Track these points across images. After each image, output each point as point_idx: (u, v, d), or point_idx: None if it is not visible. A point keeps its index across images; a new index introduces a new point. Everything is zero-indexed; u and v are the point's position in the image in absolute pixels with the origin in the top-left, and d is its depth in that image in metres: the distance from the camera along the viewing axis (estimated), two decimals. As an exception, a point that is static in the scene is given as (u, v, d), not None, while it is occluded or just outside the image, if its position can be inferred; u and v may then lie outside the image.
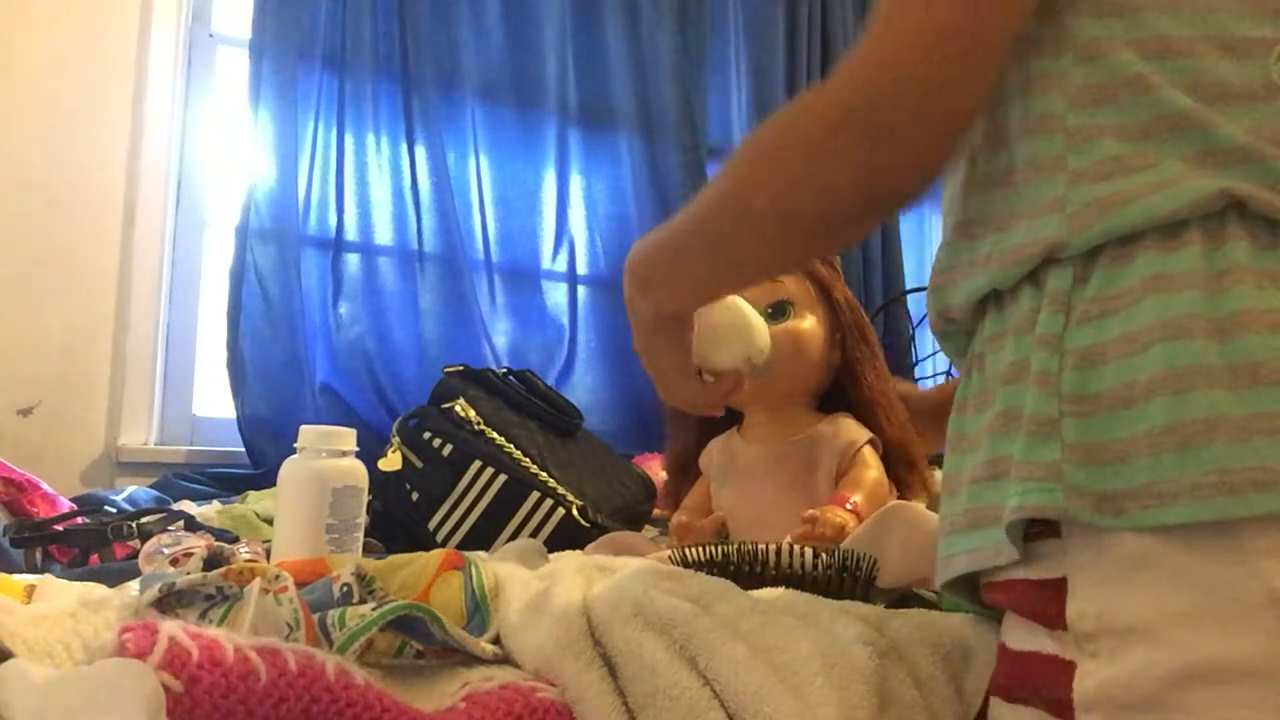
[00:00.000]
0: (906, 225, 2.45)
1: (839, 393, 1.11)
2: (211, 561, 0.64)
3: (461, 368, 1.39)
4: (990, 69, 0.50)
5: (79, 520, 1.12)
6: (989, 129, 0.54)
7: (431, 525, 1.23)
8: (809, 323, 1.06)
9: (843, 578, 0.71)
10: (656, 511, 1.35)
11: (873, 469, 1.04)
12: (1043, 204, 0.50)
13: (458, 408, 1.29)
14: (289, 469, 0.90)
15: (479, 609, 0.63)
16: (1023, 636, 0.49)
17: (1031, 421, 0.47)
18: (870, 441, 1.06)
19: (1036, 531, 0.47)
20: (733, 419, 1.14)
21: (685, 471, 1.16)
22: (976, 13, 0.49)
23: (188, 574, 0.57)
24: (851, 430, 1.06)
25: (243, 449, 1.72)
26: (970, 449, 0.53)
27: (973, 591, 0.54)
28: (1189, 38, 0.49)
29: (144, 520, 1.06)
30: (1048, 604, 0.46)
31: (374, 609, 0.54)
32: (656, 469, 1.40)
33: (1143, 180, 0.47)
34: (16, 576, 0.72)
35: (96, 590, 0.66)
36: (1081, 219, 0.48)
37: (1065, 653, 0.45)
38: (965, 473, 0.52)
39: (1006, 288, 0.52)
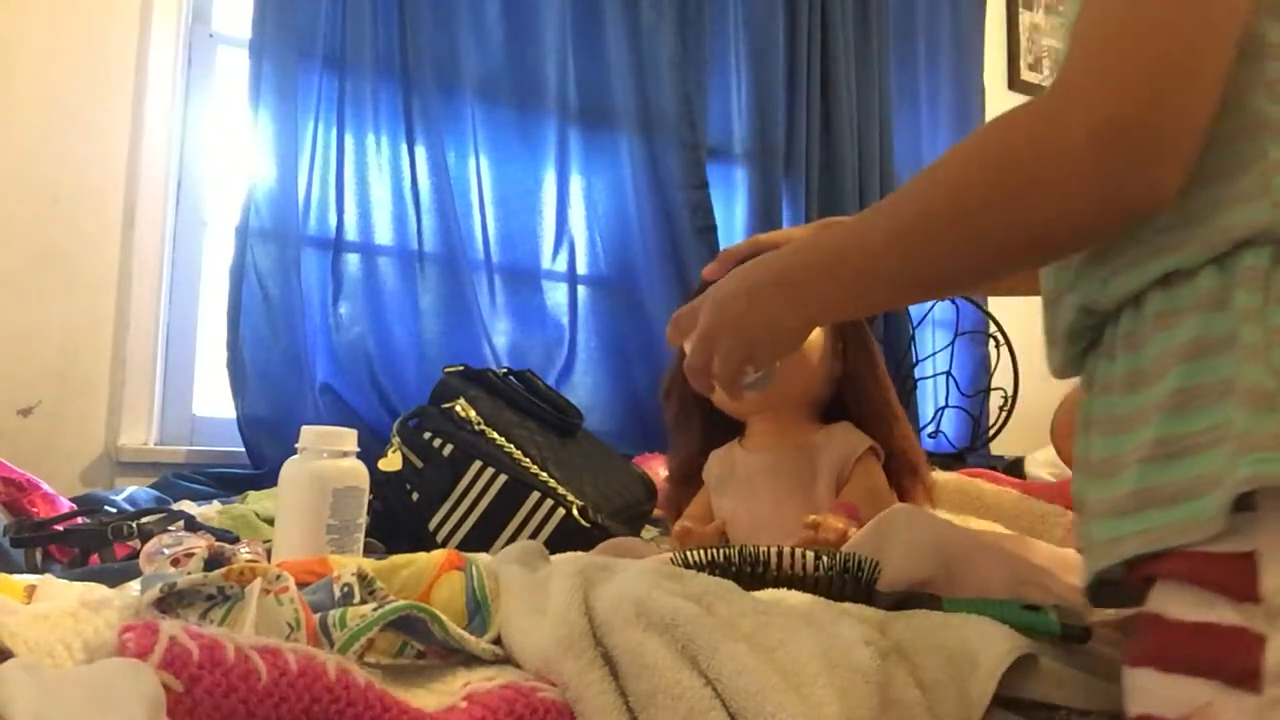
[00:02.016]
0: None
1: (840, 402, 1.11)
2: (212, 562, 0.64)
3: (462, 368, 1.39)
4: (1228, 64, 0.52)
5: (79, 520, 1.12)
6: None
7: (432, 525, 1.23)
8: (811, 333, 1.06)
9: (844, 580, 0.71)
10: (657, 512, 1.35)
11: (874, 476, 1.05)
12: (1244, 193, 0.51)
13: (458, 408, 1.29)
14: (290, 469, 0.90)
15: (480, 609, 0.63)
16: (1194, 608, 0.48)
17: (1250, 394, 0.47)
18: (871, 449, 1.06)
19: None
20: (735, 429, 1.14)
21: (688, 481, 1.16)
22: (1215, 16, 0.51)
23: (188, 574, 0.57)
24: (852, 438, 1.06)
25: (243, 449, 1.72)
26: (1130, 428, 0.53)
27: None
28: None
29: (144, 520, 1.06)
30: (1233, 577, 0.46)
31: (375, 609, 0.54)
32: (657, 469, 1.40)
33: None
34: (16, 576, 0.72)
35: (97, 590, 0.66)
36: None
37: (1254, 625, 0.46)
38: (1127, 453, 0.52)
39: (1186, 269, 0.53)
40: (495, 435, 1.27)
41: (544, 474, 1.24)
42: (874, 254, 0.63)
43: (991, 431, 2.27)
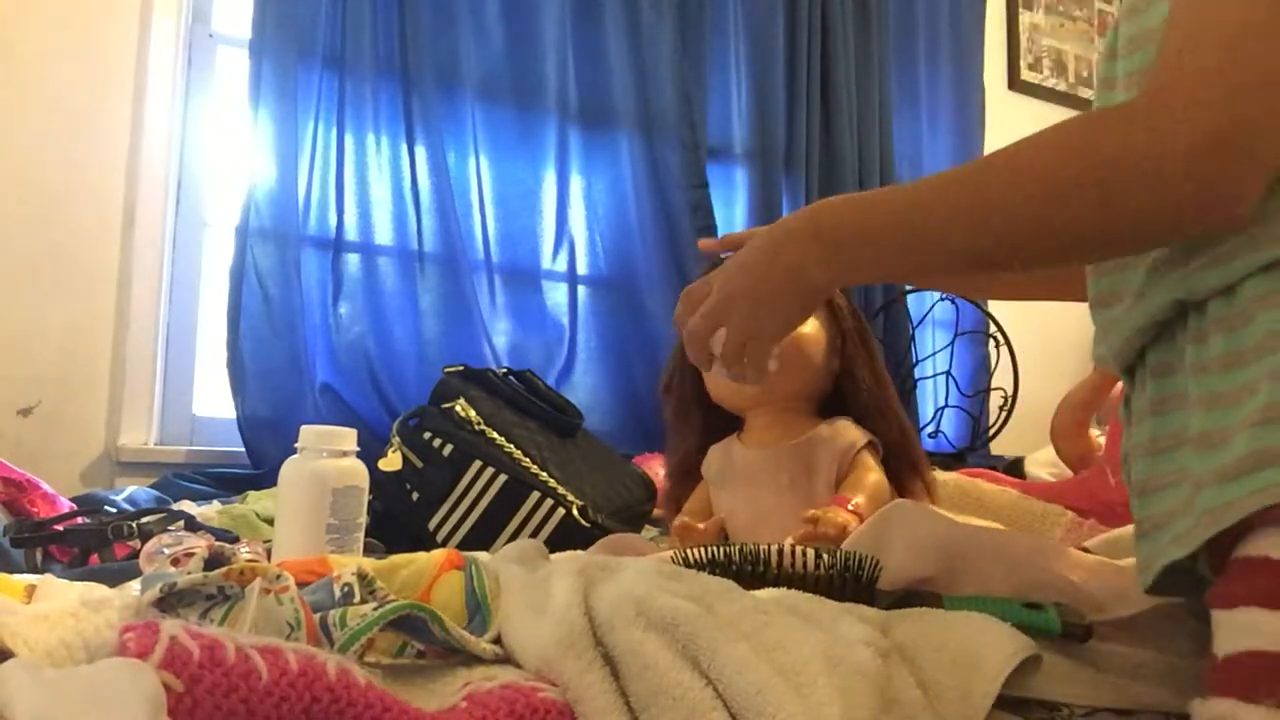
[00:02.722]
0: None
1: (839, 397, 1.11)
2: (212, 561, 0.63)
3: (462, 368, 1.39)
4: None
5: (79, 520, 1.12)
6: None
7: (432, 525, 1.23)
8: (810, 328, 1.06)
9: (845, 578, 0.71)
10: (657, 512, 1.35)
11: (873, 471, 1.04)
12: None
13: (458, 408, 1.29)
14: (289, 469, 0.90)
15: (480, 609, 0.63)
16: None
17: None
18: (870, 444, 1.06)
19: None
20: (735, 424, 1.14)
21: (687, 477, 1.16)
22: None
23: (188, 574, 0.57)
24: (851, 433, 1.06)
25: (243, 449, 1.72)
26: (1238, 401, 0.54)
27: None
28: None
29: (144, 520, 1.06)
30: None
31: (375, 609, 0.54)
32: (656, 469, 1.40)
33: None
34: (16, 576, 0.72)
35: (97, 590, 0.66)
36: None
37: None
38: (1237, 423, 0.54)
39: None
40: (495, 435, 1.27)
41: (544, 474, 1.24)
42: (937, 223, 0.63)
43: (991, 431, 2.27)
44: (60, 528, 1.09)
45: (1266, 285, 0.55)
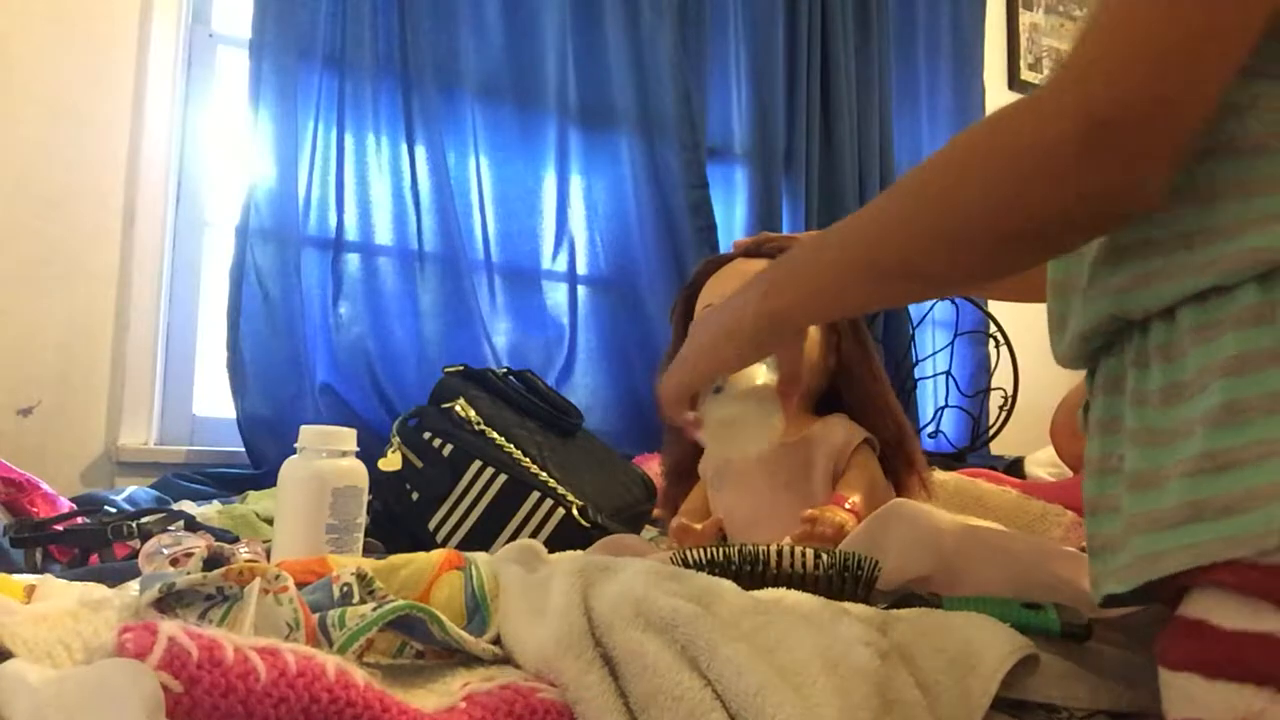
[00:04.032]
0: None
1: (836, 395, 1.11)
2: (211, 561, 0.64)
3: (461, 368, 1.39)
4: (1233, 70, 0.51)
5: (79, 520, 1.12)
6: (1210, 144, 0.54)
7: (431, 525, 1.23)
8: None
9: (844, 578, 0.71)
10: (656, 512, 1.35)
11: (870, 469, 1.04)
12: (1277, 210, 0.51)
13: (458, 408, 1.29)
14: (289, 469, 0.90)
15: (479, 609, 0.63)
16: (1246, 617, 0.48)
17: None
18: (867, 441, 1.06)
19: None
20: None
21: (683, 476, 1.16)
22: (1221, 16, 0.49)
23: (188, 574, 0.57)
24: (847, 430, 1.06)
25: (243, 449, 1.72)
26: (1171, 442, 0.52)
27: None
28: None
29: (144, 520, 1.06)
30: None
31: (374, 609, 0.54)
32: (656, 469, 1.40)
33: None
34: (16, 576, 0.72)
35: (96, 590, 0.66)
36: None
37: None
38: (1170, 466, 0.52)
39: (1225, 285, 0.52)
40: (495, 435, 1.27)
41: (544, 474, 1.24)
42: (862, 243, 0.63)
43: (991, 431, 2.27)
44: (60, 528, 1.09)
45: (1199, 317, 0.53)
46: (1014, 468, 1.88)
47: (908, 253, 0.61)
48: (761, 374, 0.82)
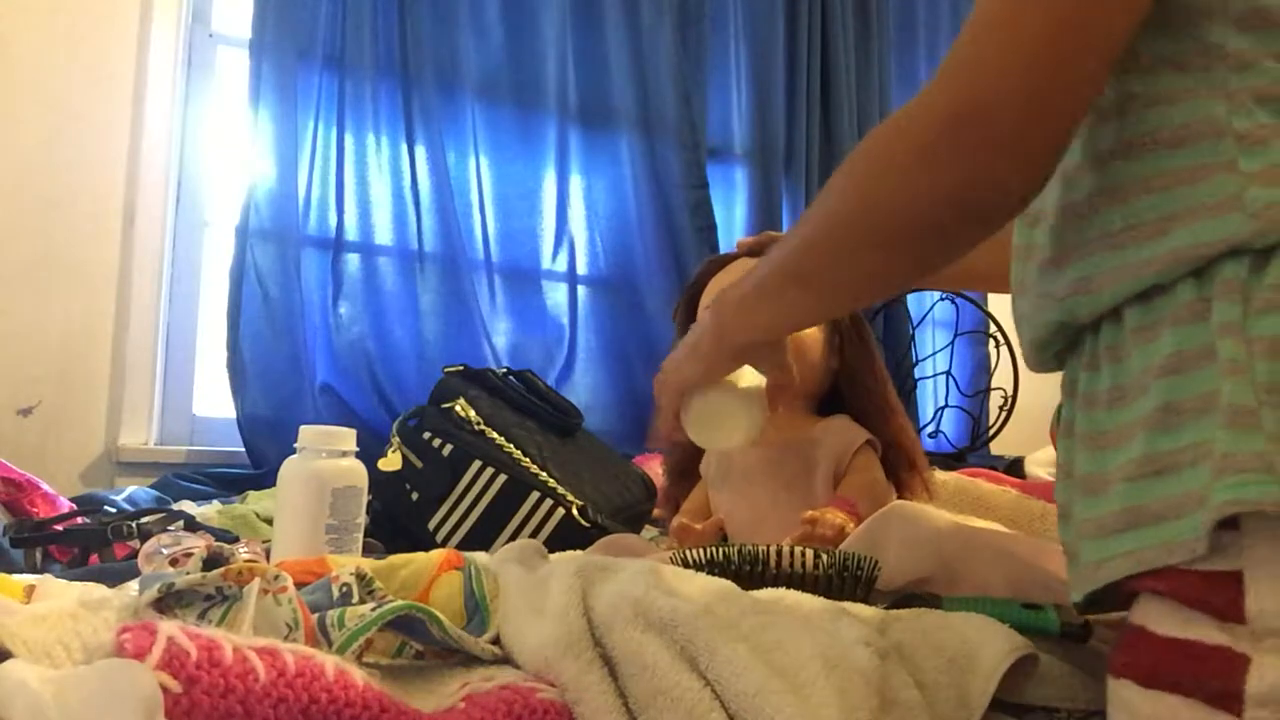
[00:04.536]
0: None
1: (837, 396, 1.11)
2: (211, 562, 0.63)
3: (461, 368, 1.39)
4: (1102, 69, 0.51)
5: (79, 520, 1.12)
6: (1123, 139, 0.54)
7: (431, 525, 1.23)
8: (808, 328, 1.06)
9: (844, 579, 0.71)
10: (656, 512, 1.35)
11: (871, 470, 1.04)
12: (1211, 204, 0.50)
13: (458, 408, 1.29)
14: (289, 469, 0.90)
15: (479, 609, 0.63)
16: (1178, 624, 0.48)
17: (1231, 412, 0.46)
18: (869, 442, 1.06)
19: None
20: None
21: (685, 476, 1.16)
22: (1085, 12, 0.49)
23: (187, 574, 0.57)
24: (849, 432, 1.05)
25: (243, 449, 1.72)
26: (1115, 445, 0.52)
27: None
28: None
29: (144, 520, 1.06)
30: (1218, 596, 0.46)
31: (373, 609, 0.54)
32: (656, 469, 1.40)
33: None
34: (16, 576, 0.72)
35: (96, 590, 0.66)
36: (1267, 216, 0.48)
37: (1238, 645, 0.45)
38: (1113, 471, 0.51)
39: (1163, 283, 0.51)
40: (495, 435, 1.27)
41: (544, 474, 1.24)
42: (786, 257, 0.64)
43: (991, 431, 2.27)
44: (60, 528, 1.09)
45: (1143, 316, 0.52)
46: (1014, 468, 1.87)
47: (816, 262, 0.62)
48: (749, 373, 0.82)
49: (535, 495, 1.22)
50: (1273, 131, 0.49)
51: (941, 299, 2.36)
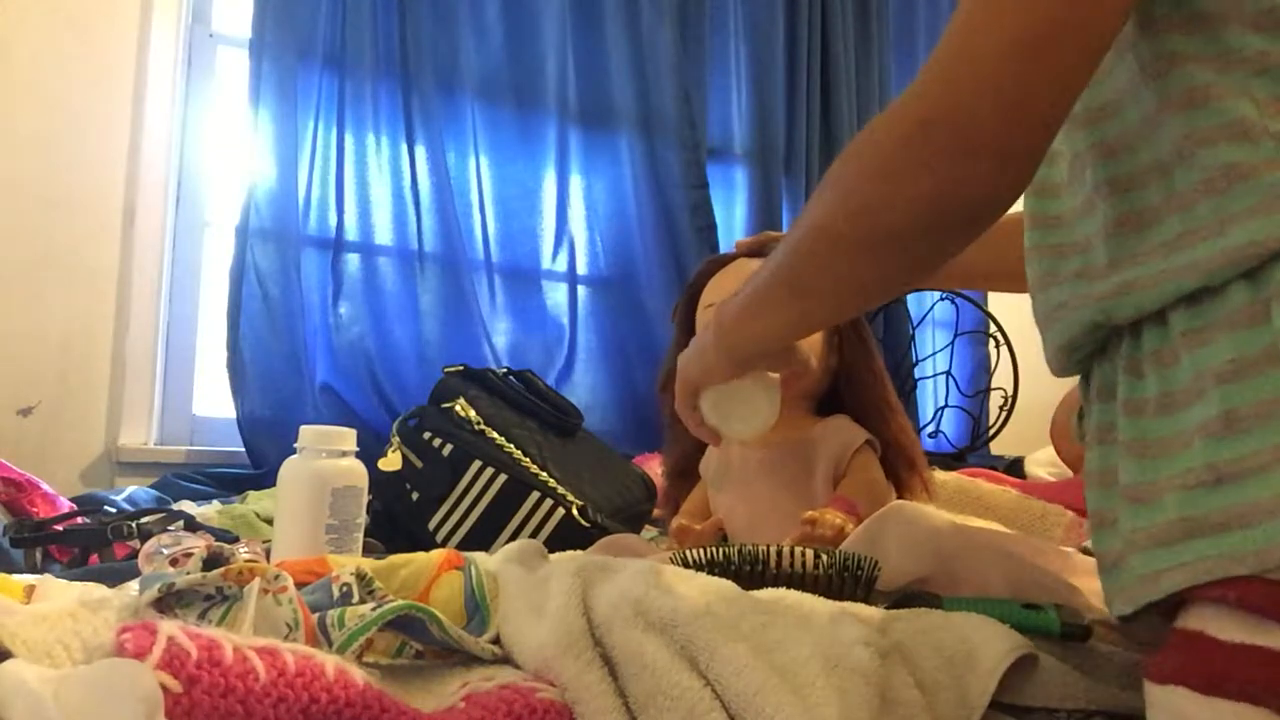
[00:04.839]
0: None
1: (837, 396, 1.11)
2: (211, 562, 0.63)
3: (461, 368, 1.39)
4: (1077, 77, 0.51)
5: (79, 520, 1.12)
6: (1177, 146, 0.53)
7: (431, 525, 1.23)
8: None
9: (844, 579, 0.71)
10: (656, 512, 1.35)
11: (871, 471, 1.04)
12: (1266, 203, 0.49)
13: (458, 407, 1.29)
14: (289, 469, 0.90)
15: (479, 609, 0.63)
16: (1246, 631, 0.47)
17: None
18: (868, 442, 1.06)
19: None
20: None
21: (684, 476, 1.16)
22: (1059, 18, 0.49)
23: (187, 574, 0.57)
24: (849, 432, 1.05)
25: (243, 449, 1.72)
26: (1168, 453, 0.50)
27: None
28: None
29: (144, 520, 1.06)
30: None
31: (373, 609, 0.54)
32: (656, 469, 1.40)
33: None
34: (16, 576, 0.72)
35: (96, 590, 0.66)
36: None
37: None
38: (1165, 480, 0.50)
39: (1214, 285, 0.50)
40: (495, 435, 1.27)
41: (544, 474, 1.24)
42: (780, 263, 0.64)
43: (991, 431, 2.27)
44: (60, 528, 1.09)
45: (1191, 320, 0.51)
46: (1014, 468, 1.87)
47: (806, 270, 0.62)
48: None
49: (535, 495, 1.22)
50: None
51: (941, 299, 2.36)
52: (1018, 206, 0.59)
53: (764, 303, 0.68)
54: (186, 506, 1.29)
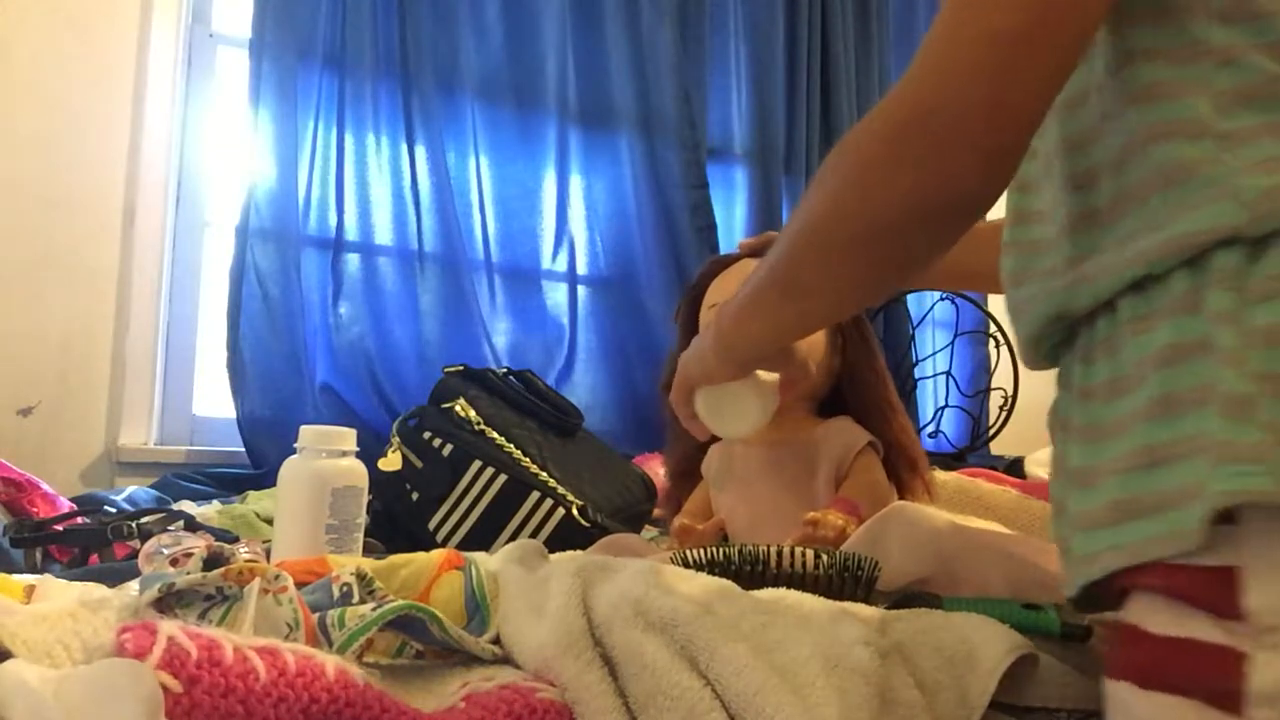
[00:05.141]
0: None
1: (839, 396, 1.11)
2: (211, 562, 0.64)
3: (461, 368, 1.39)
4: (1060, 72, 0.51)
5: (79, 520, 1.12)
6: (1133, 139, 0.54)
7: (431, 525, 1.23)
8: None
9: (844, 579, 0.71)
10: (656, 512, 1.35)
11: (873, 471, 1.04)
12: (1207, 196, 0.49)
13: (458, 408, 1.29)
14: (289, 469, 0.90)
15: (479, 609, 0.63)
16: (1174, 623, 0.47)
17: (1226, 401, 0.45)
18: (870, 444, 1.06)
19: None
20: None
21: (686, 476, 1.16)
22: (1038, 18, 0.50)
23: (187, 574, 0.57)
24: (851, 433, 1.05)
25: (243, 449, 1.72)
26: (1110, 437, 0.51)
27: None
28: None
29: (144, 520, 1.06)
30: (1215, 592, 0.45)
31: (374, 609, 0.54)
32: (656, 469, 1.40)
33: None
34: (16, 576, 0.72)
35: (96, 590, 0.66)
36: (1261, 205, 0.48)
37: (1237, 643, 0.44)
38: (1106, 463, 0.51)
39: (1156, 274, 0.51)
40: (495, 435, 1.27)
41: (544, 474, 1.24)
42: (776, 263, 0.64)
43: (991, 431, 2.27)
44: (60, 528, 1.09)
45: (1137, 307, 0.52)
46: (1014, 468, 1.87)
47: (799, 271, 0.63)
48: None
49: (535, 495, 1.22)
50: (1258, 129, 0.50)
51: (941, 299, 2.36)
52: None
53: (759, 305, 0.68)
54: (186, 506, 1.29)
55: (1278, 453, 0.44)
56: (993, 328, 2.31)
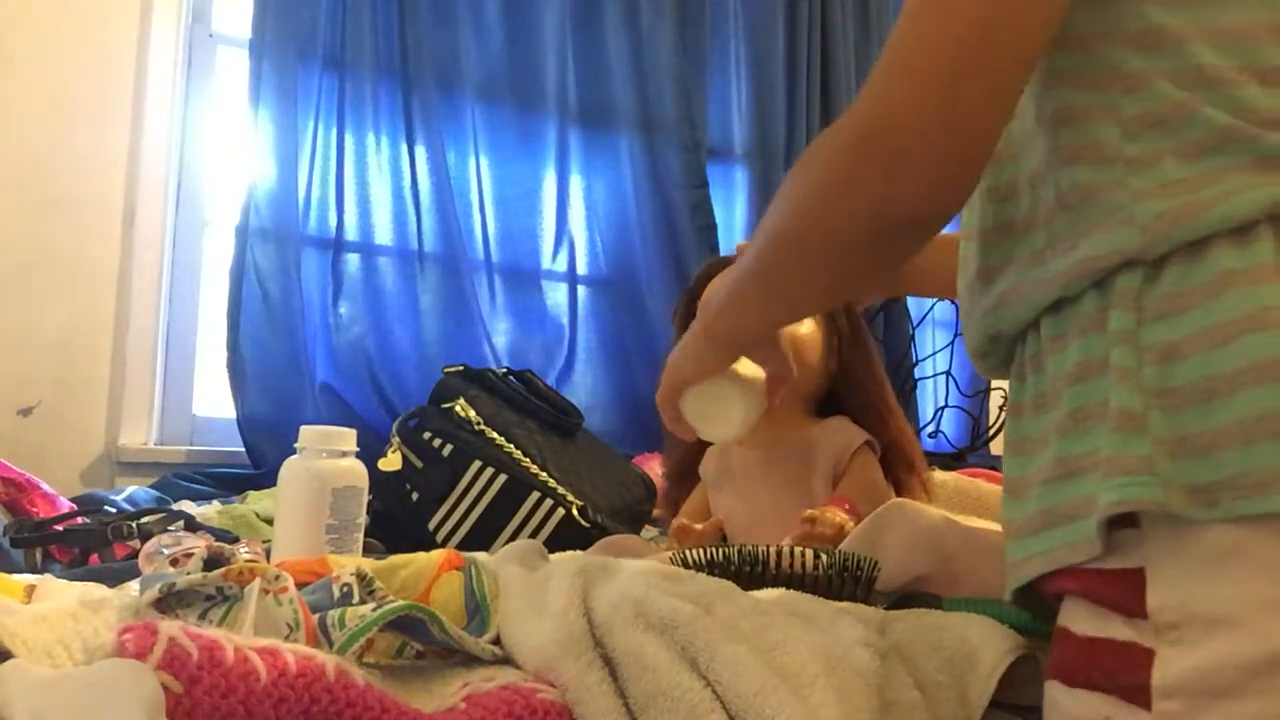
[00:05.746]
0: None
1: (836, 397, 1.11)
2: (211, 562, 0.64)
3: (461, 368, 1.39)
4: (1010, 90, 0.52)
5: (79, 520, 1.12)
6: (1045, 159, 0.55)
7: (431, 525, 1.23)
8: (807, 328, 1.07)
9: (844, 579, 0.71)
10: (656, 513, 1.35)
11: (870, 471, 1.04)
12: (1109, 221, 0.51)
13: (458, 408, 1.29)
14: (289, 469, 0.90)
15: (479, 609, 0.63)
16: (1092, 623, 0.49)
17: (1119, 416, 0.48)
18: (867, 443, 1.06)
19: (1111, 523, 0.48)
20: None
21: (684, 477, 1.16)
22: (990, 32, 0.50)
23: (188, 574, 0.57)
24: (848, 433, 1.06)
25: (243, 449, 1.72)
26: (1035, 450, 0.54)
27: (1026, 593, 0.55)
28: (1227, 67, 0.51)
29: (144, 520, 1.06)
30: (1123, 593, 0.47)
31: (374, 609, 0.54)
32: (656, 469, 1.40)
33: (1211, 193, 0.49)
34: (16, 576, 0.72)
35: (96, 590, 0.66)
36: (1155, 229, 0.49)
37: (1144, 640, 0.46)
38: (1032, 475, 0.53)
39: (1070, 295, 0.53)
40: (495, 435, 1.27)
41: (544, 474, 1.24)
42: (756, 258, 0.65)
43: (991, 431, 2.27)
44: (60, 528, 1.09)
45: (1054, 327, 0.54)
46: (1014, 468, 1.87)
47: (770, 269, 0.63)
48: (745, 364, 0.82)
49: (535, 495, 1.22)
50: (1161, 152, 0.51)
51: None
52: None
53: (742, 296, 0.69)
54: (186, 506, 1.29)
55: (1167, 465, 0.46)
56: (992, 328, 2.30)
